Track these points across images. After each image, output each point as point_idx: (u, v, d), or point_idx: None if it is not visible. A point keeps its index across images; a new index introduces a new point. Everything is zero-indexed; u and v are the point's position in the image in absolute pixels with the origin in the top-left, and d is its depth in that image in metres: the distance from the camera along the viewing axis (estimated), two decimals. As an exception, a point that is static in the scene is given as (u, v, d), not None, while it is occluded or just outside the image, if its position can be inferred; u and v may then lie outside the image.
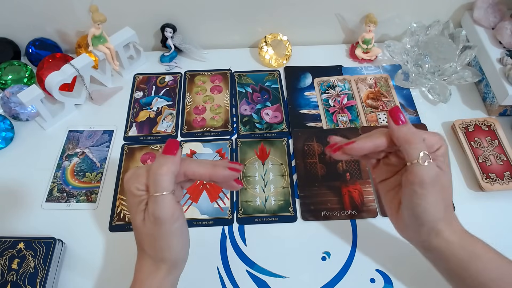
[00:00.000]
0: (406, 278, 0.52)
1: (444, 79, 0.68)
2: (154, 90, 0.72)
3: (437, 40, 0.68)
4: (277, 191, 0.60)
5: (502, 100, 0.64)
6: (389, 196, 0.43)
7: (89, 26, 0.65)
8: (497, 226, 0.56)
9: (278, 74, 0.75)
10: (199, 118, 0.68)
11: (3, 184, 0.60)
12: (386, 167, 0.43)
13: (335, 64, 0.76)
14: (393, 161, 0.41)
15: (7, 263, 0.50)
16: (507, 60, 0.64)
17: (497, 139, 0.63)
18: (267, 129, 0.67)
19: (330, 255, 0.54)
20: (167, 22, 0.74)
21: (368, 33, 0.73)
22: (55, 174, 0.61)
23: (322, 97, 0.71)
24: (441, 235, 0.39)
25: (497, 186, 0.58)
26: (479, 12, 0.70)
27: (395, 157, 0.41)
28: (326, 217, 0.57)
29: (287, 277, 0.52)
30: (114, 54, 0.69)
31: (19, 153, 0.64)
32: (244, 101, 0.71)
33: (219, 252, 0.54)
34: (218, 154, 0.64)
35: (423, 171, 0.36)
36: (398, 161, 0.41)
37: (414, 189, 0.37)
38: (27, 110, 0.65)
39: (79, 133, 0.66)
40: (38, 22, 0.73)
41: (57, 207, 0.58)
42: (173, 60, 0.76)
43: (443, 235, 0.39)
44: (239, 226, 0.57)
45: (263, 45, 0.75)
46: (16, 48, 0.74)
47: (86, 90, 0.68)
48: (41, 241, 0.51)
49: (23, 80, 0.69)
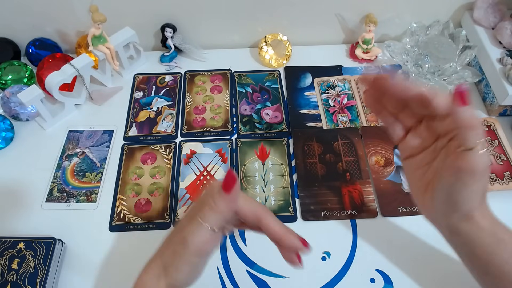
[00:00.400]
0: (406, 278, 0.52)
1: (444, 79, 0.68)
2: (154, 90, 0.72)
3: (437, 40, 0.68)
4: (277, 191, 0.60)
5: (502, 100, 0.64)
6: (416, 175, 0.40)
7: (89, 26, 0.65)
8: (497, 226, 0.56)
9: (278, 74, 0.75)
10: (199, 118, 0.68)
11: (3, 184, 0.60)
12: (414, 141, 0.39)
13: (335, 64, 0.76)
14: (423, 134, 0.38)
15: (7, 263, 0.50)
16: (507, 60, 0.64)
17: (497, 139, 0.63)
18: (267, 129, 0.67)
19: (330, 255, 0.54)
20: (167, 22, 0.74)
21: (368, 33, 0.73)
22: (55, 174, 0.61)
23: (322, 97, 0.71)
24: (472, 221, 0.37)
25: (497, 186, 0.58)
26: (479, 12, 0.70)
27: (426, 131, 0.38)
28: (326, 217, 0.57)
29: (287, 277, 0.52)
30: (114, 54, 0.69)
31: (19, 153, 0.64)
32: (244, 101, 0.71)
33: (219, 252, 0.54)
34: (218, 154, 0.64)
35: (478, 159, 0.33)
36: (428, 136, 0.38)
37: (461, 176, 0.34)
38: (27, 110, 0.65)
39: (79, 133, 0.66)
40: (38, 22, 0.73)
41: (57, 207, 0.58)
42: (173, 60, 0.76)
43: (474, 221, 0.37)
44: (239, 226, 0.57)
45: (263, 45, 0.75)
46: (16, 48, 0.74)
47: (86, 90, 0.68)
48: (41, 241, 0.51)
49: (23, 80, 0.69)
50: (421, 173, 0.39)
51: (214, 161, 0.63)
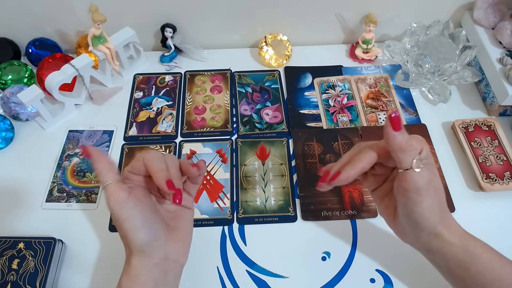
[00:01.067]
0: (406, 278, 0.52)
1: (444, 79, 0.68)
2: (154, 90, 0.72)
3: (437, 40, 0.68)
4: (277, 191, 0.60)
5: (502, 100, 0.64)
6: (384, 203, 0.43)
7: (89, 26, 0.65)
8: (497, 226, 0.56)
9: (278, 74, 0.75)
10: (199, 118, 0.68)
11: (3, 184, 0.60)
12: (374, 177, 0.43)
13: (335, 64, 0.76)
14: (380, 171, 0.41)
15: (7, 263, 0.50)
16: (507, 60, 0.64)
17: (497, 139, 0.63)
18: (267, 129, 0.67)
19: (330, 255, 0.54)
20: (167, 22, 0.74)
21: (368, 33, 0.73)
22: (55, 174, 0.61)
23: (322, 97, 0.71)
24: (440, 237, 0.39)
25: (497, 186, 0.58)
26: (479, 12, 0.70)
27: (381, 167, 0.41)
28: (326, 217, 0.57)
29: (287, 277, 0.52)
30: (114, 54, 0.69)
31: (19, 153, 0.64)
32: (244, 101, 0.71)
33: (219, 252, 0.54)
34: (218, 154, 0.64)
35: (417, 177, 0.36)
36: (385, 170, 0.41)
37: (409, 196, 0.37)
38: (27, 110, 0.65)
39: (79, 133, 0.66)
40: (38, 22, 0.73)
41: (57, 207, 0.58)
42: (173, 60, 0.76)
43: (442, 237, 0.39)
44: (239, 226, 0.57)
45: (263, 45, 0.75)
46: (16, 48, 0.74)
47: (86, 90, 0.68)
48: (41, 241, 0.51)
49: (23, 80, 0.69)
50: (387, 201, 0.42)
51: (214, 161, 0.63)
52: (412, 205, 0.37)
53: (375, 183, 0.43)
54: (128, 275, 0.39)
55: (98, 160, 0.40)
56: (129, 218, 0.38)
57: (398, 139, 0.36)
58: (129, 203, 0.38)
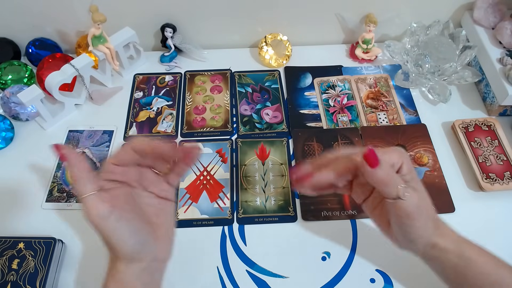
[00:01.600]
0: (406, 278, 0.52)
1: (444, 79, 0.68)
2: (154, 90, 0.72)
3: (437, 40, 0.68)
4: (277, 191, 0.60)
5: (502, 100, 0.64)
6: (375, 214, 0.43)
7: (89, 26, 0.65)
8: (497, 226, 0.56)
9: (278, 74, 0.75)
10: (199, 118, 0.68)
11: (3, 184, 0.60)
12: (360, 188, 0.43)
13: (335, 64, 0.76)
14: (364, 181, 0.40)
15: (7, 263, 0.50)
16: (507, 60, 0.64)
17: (497, 139, 0.63)
18: (267, 129, 0.67)
19: (330, 255, 0.54)
20: (167, 22, 0.74)
21: (368, 33, 0.73)
22: (55, 174, 0.61)
23: (322, 97, 0.71)
24: (436, 247, 0.40)
25: (497, 186, 0.58)
26: (479, 12, 0.70)
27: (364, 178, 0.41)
28: (326, 217, 0.57)
29: (287, 277, 0.52)
30: (114, 54, 0.69)
31: (19, 153, 0.64)
32: (244, 101, 0.71)
33: (219, 252, 0.54)
34: (218, 154, 0.64)
35: (405, 204, 0.36)
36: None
37: (402, 221, 0.37)
38: (27, 110, 0.65)
39: (79, 133, 0.66)
40: (38, 22, 0.73)
41: (57, 207, 0.58)
42: (173, 60, 0.76)
43: (438, 246, 0.39)
44: (239, 226, 0.57)
45: (263, 45, 0.75)
46: (16, 48, 0.74)
47: (86, 90, 0.68)
48: (41, 241, 0.51)
49: (23, 80, 0.69)
50: (379, 210, 0.42)
51: (214, 161, 0.63)
52: (406, 227, 0.38)
53: (362, 194, 0.43)
54: (115, 279, 0.37)
55: (76, 167, 0.35)
56: (115, 230, 0.35)
57: (379, 175, 0.35)
58: (113, 215, 0.35)
